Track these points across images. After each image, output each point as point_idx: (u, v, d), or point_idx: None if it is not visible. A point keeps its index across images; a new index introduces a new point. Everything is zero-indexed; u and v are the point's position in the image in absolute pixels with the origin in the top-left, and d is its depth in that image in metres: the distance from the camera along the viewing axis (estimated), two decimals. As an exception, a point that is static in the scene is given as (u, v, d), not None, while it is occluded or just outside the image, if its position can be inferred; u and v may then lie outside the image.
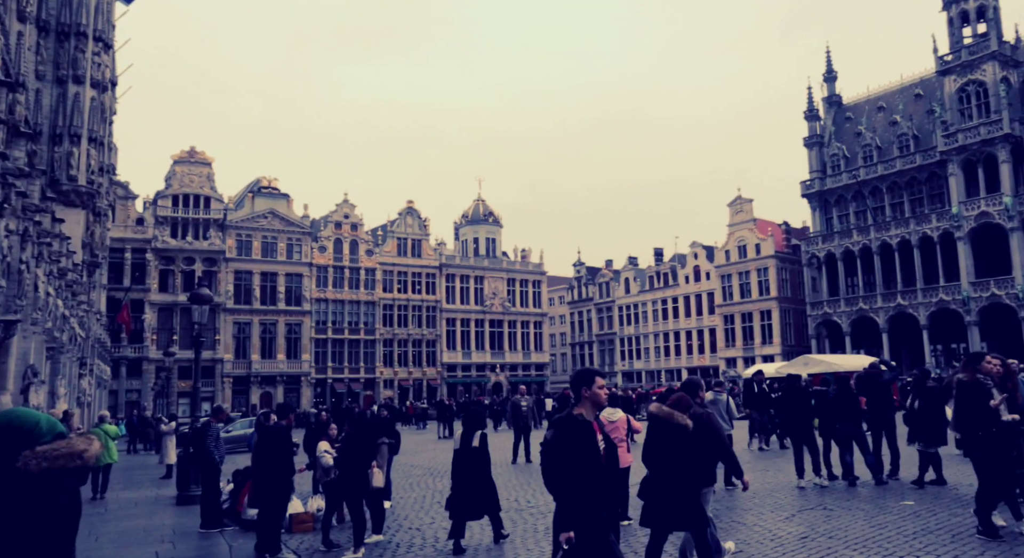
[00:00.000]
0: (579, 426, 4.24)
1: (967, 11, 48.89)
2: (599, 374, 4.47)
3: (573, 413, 4.30)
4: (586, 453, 4.17)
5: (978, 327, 45.71)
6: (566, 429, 4.25)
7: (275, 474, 8.26)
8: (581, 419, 4.26)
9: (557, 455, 4.24)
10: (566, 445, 4.21)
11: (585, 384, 4.33)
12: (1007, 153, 45.40)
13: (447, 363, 62.08)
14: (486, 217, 68.30)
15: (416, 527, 9.61)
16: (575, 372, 4.53)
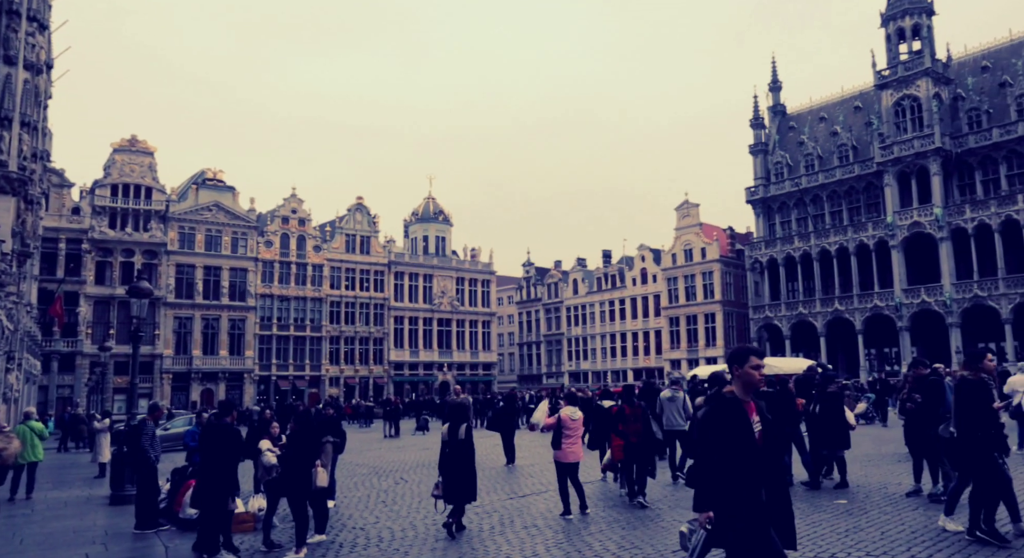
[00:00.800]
0: (729, 405, 4.10)
1: (903, 29, 50.82)
2: (754, 352, 4.24)
3: (724, 391, 4.19)
4: (737, 433, 4.02)
5: (909, 332, 47.56)
6: (716, 408, 4.15)
7: (219, 473, 8.05)
8: (732, 397, 4.13)
9: (707, 434, 4.12)
10: (716, 424, 4.09)
11: (737, 363, 4.18)
12: (938, 166, 47.36)
13: (394, 361, 61.61)
14: (436, 215, 68.03)
15: (360, 527, 9.53)
16: (731, 350, 4.38)
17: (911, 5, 50.36)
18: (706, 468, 4.09)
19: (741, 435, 4.03)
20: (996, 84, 48.65)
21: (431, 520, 9.76)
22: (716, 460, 4.01)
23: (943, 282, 46.27)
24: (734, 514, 3.90)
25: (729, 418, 4.06)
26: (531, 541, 8.19)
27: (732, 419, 4.06)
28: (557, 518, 9.55)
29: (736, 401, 4.12)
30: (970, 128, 48.29)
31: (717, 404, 4.16)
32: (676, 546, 7.56)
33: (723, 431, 4.03)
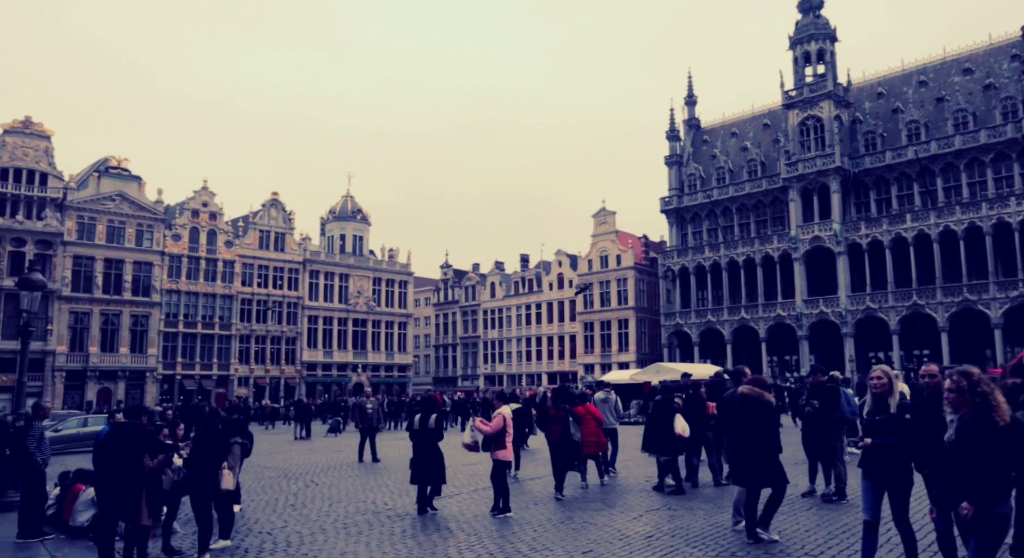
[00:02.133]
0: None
1: (809, 53, 53.54)
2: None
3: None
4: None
5: (808, 341, 50.04)
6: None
7: (126, 480, 7.50)
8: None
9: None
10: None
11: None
12: (838, 184, 50.10)
13: (307, 361, 60.18)
14: (354, 214, 66.96)
15: (267, 531, 9.27)
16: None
17: (816, 31, 53.12)
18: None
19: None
20: (890, 110, 51.91)
21: (341, 523, 9.61)
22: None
23: (839, 294, 48.92)
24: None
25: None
26: (443, 544, 8.18)
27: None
28: (470, 520, 9.57)
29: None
30: (866, 150, 51.31)
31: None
32: (586, 546, 7.72)
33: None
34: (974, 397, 4.48)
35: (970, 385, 4.52)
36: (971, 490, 4.41)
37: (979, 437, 4.40)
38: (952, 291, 44.14)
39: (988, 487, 4.38)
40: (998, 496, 4.40)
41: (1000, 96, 46.38)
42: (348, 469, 16.71)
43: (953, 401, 4.59)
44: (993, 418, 4.42)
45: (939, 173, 47.52)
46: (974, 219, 43.44)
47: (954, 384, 4.58)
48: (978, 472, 4.39)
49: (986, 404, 4.47)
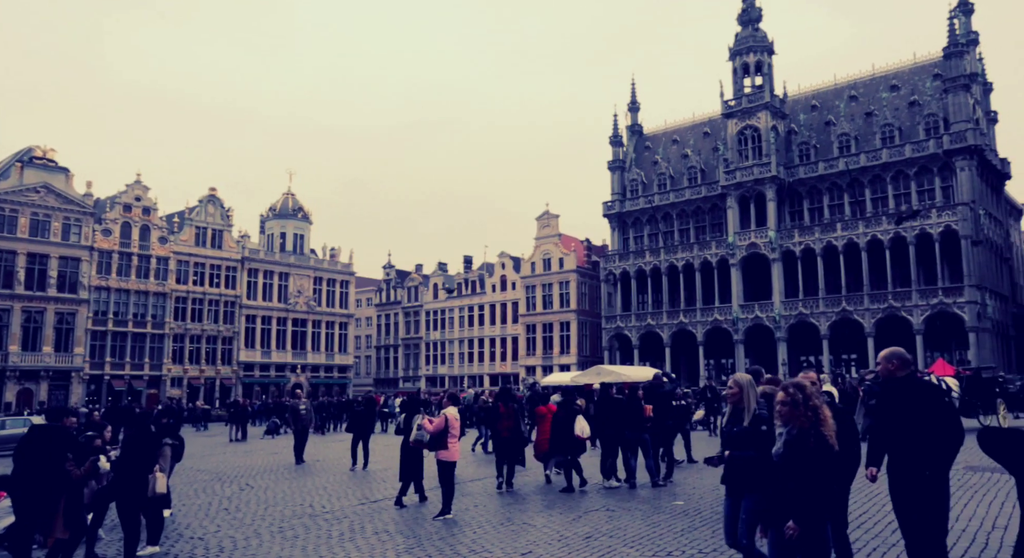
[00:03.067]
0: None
1: (748, 64, 55.10)
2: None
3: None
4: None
5: (744, 345, 51.42)
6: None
7: (41, 485, 7.15)
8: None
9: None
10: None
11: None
12: (773, 193, 51.68)
13: (244, 362, 58.74)
14: (295, 212, 65.74)
15: (199, 536, 9.04)
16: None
17: (755, 43, 54.69)
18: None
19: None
20: (823, 122, 53.84)
21: (277, 527, 9.45)
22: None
23: (774, 300, 50.45)
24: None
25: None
26: (381, 547, 8.14)
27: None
28: (409, 523, 9.54)
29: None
30: (801, 160, 53.08)
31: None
32: (525, 548, 7.79)
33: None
34: (806, 411, 4.37)
35: (804, 398, 4.41)
36: (797, 508, 4.27)
37: (807, 452, 4.28)
38: (878, 298, 46.03)
39: (814, 506, 4.25)
40: (823, 516, 4.29)
41: (924, 112, 48.62)
42: (285, 471, 16.41)
43: (785, 414, 4.44)
44: (821, 433, 4.31)
45: (868, 184, 49.51)
46: (899, 229, 45.38)
47: (788, 397, 4.43)
48: (804, 489, 4.26)
49: (816, 419, 4.36)
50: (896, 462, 5.10)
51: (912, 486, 4.89)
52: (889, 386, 5.39)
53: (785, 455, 4.38)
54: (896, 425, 5.11)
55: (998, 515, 8.54)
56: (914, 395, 5.15)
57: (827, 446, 4.30)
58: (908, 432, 5.02)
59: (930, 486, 4.83)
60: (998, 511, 8.77)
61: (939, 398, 5.14)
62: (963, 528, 7.95)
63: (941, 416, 4.95)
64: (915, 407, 5.01)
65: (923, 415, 4.97)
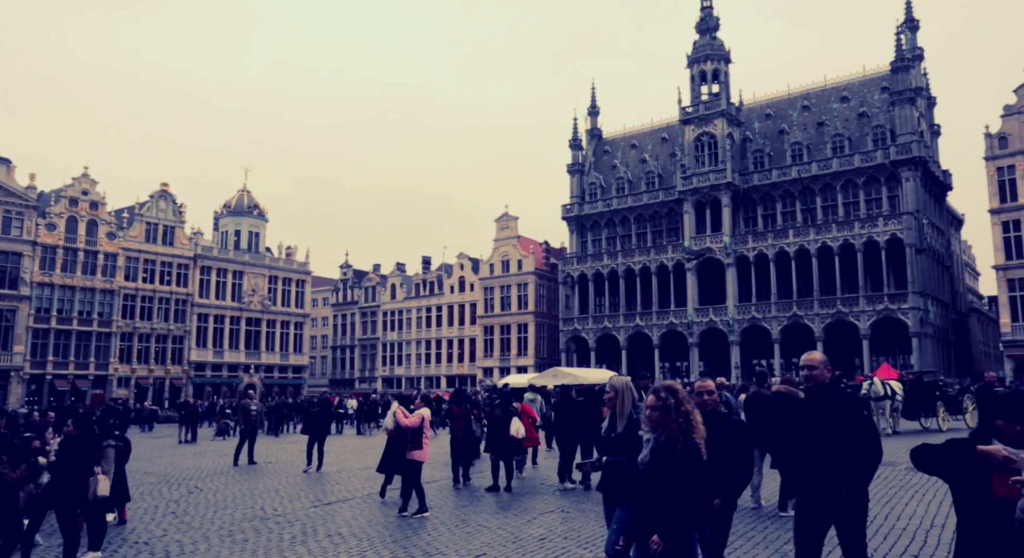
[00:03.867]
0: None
1: (705, 72, 56.04)
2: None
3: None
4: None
5: (698, 348, 52.21)
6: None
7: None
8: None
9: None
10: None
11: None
12: (729, 199, 52.63)
13: (195, 361, 57.45)
14: (251, 209, 64.56)
15: (144, 541, 8.81)
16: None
17: (712, 52, 55.66)
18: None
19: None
20: (777, 131, 55.06)
21: (227, 531, 9.28)
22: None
23: (728, 304, 51.36)
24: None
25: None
26: (334, 550, 8.05)
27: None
28: (363, 526, 9.46)
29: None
30: (755, 167, 54.17)
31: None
32: (479, 550, 7.79)
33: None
34: (677, 417, 4.10)
35: (676, 403, 4.13)
36: (662, 521, 3.98)
37: (673, 461, 4.00)
38: (827, 303, 47.21)
39: (680, 519, 3.96)
40: (689, 530, 4.04)
41: (872, 124, 50.09)
42: (235, 474, 16.11)
43: (655, 419, 4.13)
44: (692, 441, 4.04)
45: (819, 192, 50.76)
46: (847, 237, 46.64)
47: (660, 401, 4.14)
48: (670, 501, 3.98)
49: (687, 425, 4.10)
50: (812, 480, 4.58)
51: (828, 507, 4.46)
52: (814, 396, 4.86)
53: (651, 463, 4.11)
54: (815, 439, 4.59)
55: (936, 514, 8.85)
56: (837, 407, 4.66)
57: (695, 455, 4.01)
58: (828, 447, 4.51)
59: (849, 506, 4.45)
60: (936, 510, 9.08)
61: (860, 410, 4.74)
62: (904, 527, 8.22)
63: (862, 431, 4.53)
64: (837, 420, 4.55)
65: (844, 429, 4.51)
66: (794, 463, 4.86)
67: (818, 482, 4.51)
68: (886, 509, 9.39)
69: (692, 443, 4.06)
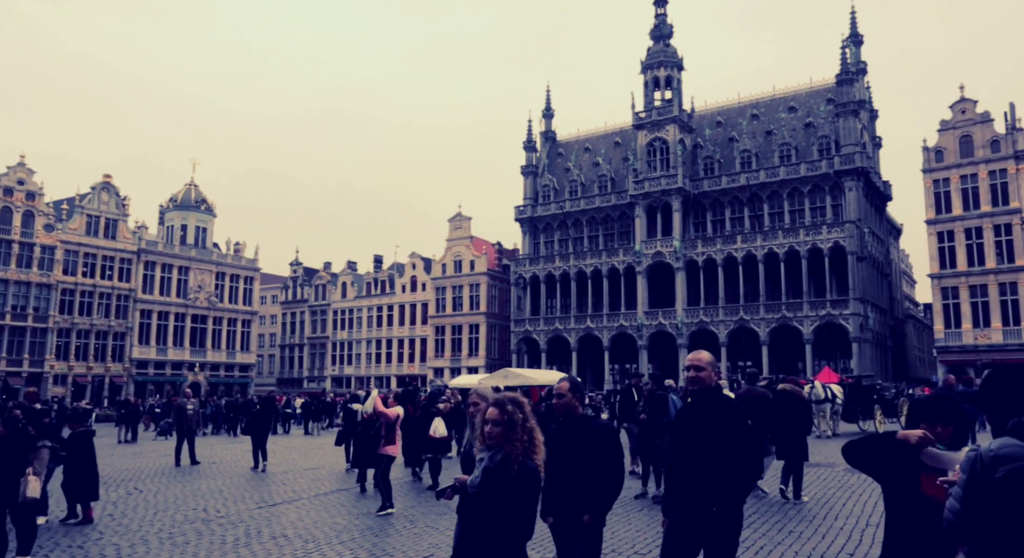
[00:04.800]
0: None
1: (659, 78, 56.93)
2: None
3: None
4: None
5: (647, 350, 52.94)
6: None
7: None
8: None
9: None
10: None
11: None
12: (679, 204, 53.53)
13: (137, 359, 55.78)
14: (198, 204, 63.00)
15: (78, 545, 8.52)
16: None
17: (665, 58, 56.56)
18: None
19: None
20: (727, 138, 56.23)
21: (167, 533, 9.04)
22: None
23: (677, 307, 52.22)
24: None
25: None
26: (279, 552, 7.92)
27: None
28: (309, 527, 9.33)
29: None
30: (705, 173, 55.22)
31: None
32: (427, 551, 7.76)
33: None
34: (522, 433, 3.61)
35: (523, 418, 3.66)
36: (490, 551, 3.52)
37: (507, 483, 3.50)
38: (773, 308, 48.40)
39: (509, 549, 3.53)
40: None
41: (818, 134, 51.57)
42: (177, 474, 15.71)
43: (497, 436, 3.60)
44: (532, 462, 3.57)
45: (766, 199, 52.01)
46: (793, 243, 47.91)
47: (504, 415, 3.61)
48: (497, 529, 3.51)
49: (530, 444, 3.63)
50: (685, 494, 4.17)
51: (699, 525, 4.06)
52: (698, 401, 4.39)
53: (481, 486, 3.57)
54: (692, 449, 4.20)
55: (872, 514, 9.16)
56: (719, 415, 4.24)
57: (533, 480, 3.55)
58: (704, 459, 4.13)
59: (718, 525, 4.03)
60: (872, 510, 9.40)
61: (743, 421, 4.30)
62: (840, 526, 8.49)
63: (742, 443, 4.16)
64: (716, 430, 4.16)
65: (723, 440, 4.12)
66: (673, 475, 4.38)
67: (691, 497, 4.09)
68: (824, 509, 9.69)
69: (532, 465, 3.57)
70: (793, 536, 8.06)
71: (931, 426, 3.25)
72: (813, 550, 7.38)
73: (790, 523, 8.80)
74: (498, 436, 3.60)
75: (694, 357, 4.42)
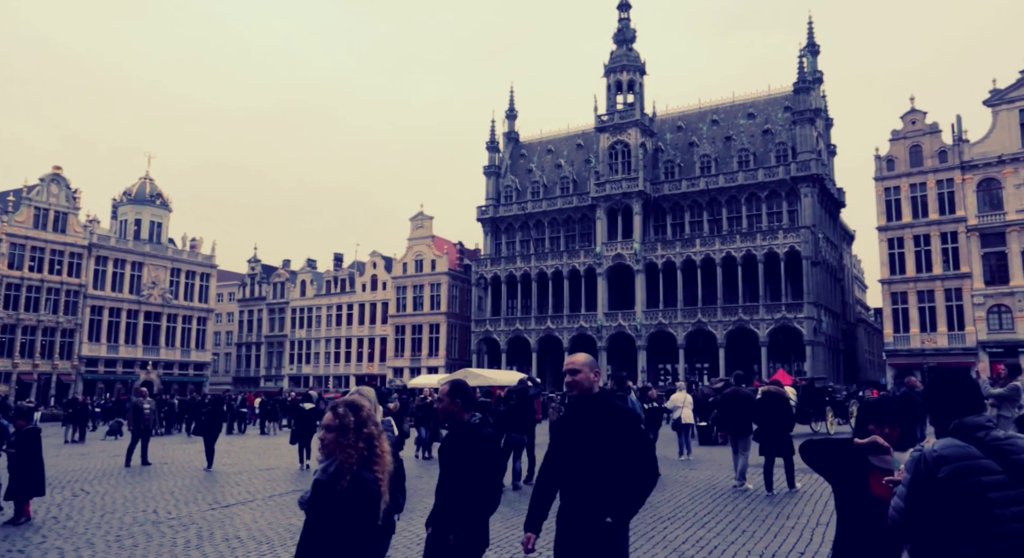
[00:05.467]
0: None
1: (621, 82, 57.48)
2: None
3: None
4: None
5: (607, 352, 53.36)
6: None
7: None
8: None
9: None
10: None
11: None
12: (640, 207, 54.09)
13: (87, 356, 54.20)
14: (153, 198, 61.52)
15: (19, 549, 8.23)
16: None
17: (628, 63, 57.13)
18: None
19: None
20: (687, 143, 57.02)
21: (114, 536, 8.80)
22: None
23: (636, 309, 52.74)
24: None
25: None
26: (231, 554, 7.78)
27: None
28: (263, 528, 9.18)
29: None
30: (666, 177, 55.89)
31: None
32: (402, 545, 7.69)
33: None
34: (357, 440, 3.25)
35: (357, 422, 3.30)
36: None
37: (340, 498, 3.15)
38: (730, 311, 49.20)
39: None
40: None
41: (775, 141, 52.61)
42: (127, 475, 15.32)
43: (329, 443, 3.26)
44: (369, 474, 3.19)
45: (725, 204, 52.86)
46: (750, 248, 48.77)
47: (336, 420, 3.28)
48: (328, 552, 3.16)
49: (369, 452, 3.26)
50: (571, 507, 3.76)
51: (582, 543, 3.66)
52: (577, 407, 3.99)
53: (311, 501, 3.24)
54: (572, 461, 3.82)
55: (822, 513, 9.37)
56: (603, 421, 3.81)
57: (367, 491, 3.17)
58: (586, 471, 3.72)
59: (609, 539, 3.65)
60: (823, 509, 9.62)
61: (634, 425, 3.86)
62: (792, 526, 8.66)
63: (633, 451, 3.74)
64: (600, 438, 3.75)
65: (610, 449, 3.72)
66: (538, 489, 3.99)
67: (571, 512, 3.72)
68: (777, 508, 9.89)
69: (368, 476, 3.19)
70: (746, 535, 8.19)
71: (879, 427, 3.35)
72: (765, 549, 7.51)
73: (743, 522, 8.95)
74: (331, 443, 3.25)
75: (569, 360, 4.02)
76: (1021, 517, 2.58)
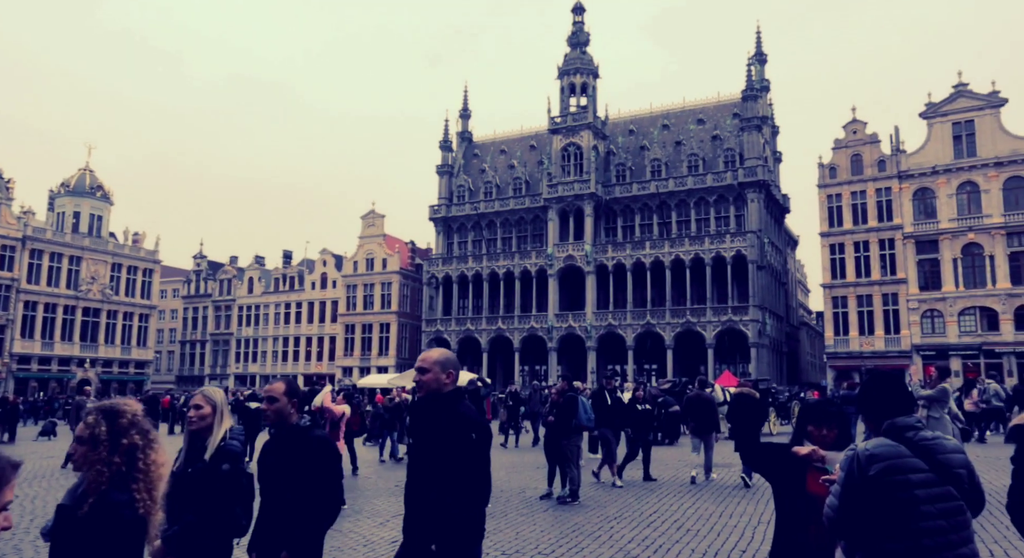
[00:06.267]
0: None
1: (575, 84, 57.95)
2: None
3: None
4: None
5: (557, 352, 53.69)
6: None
7: None
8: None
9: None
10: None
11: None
12: (591, 209, 54.60)
13: (19, 354, 52.03)
14: (93, 190, 59.43)
15: (-53, 554, 7.89)
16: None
17: (582, 66, 57.63)
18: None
19: None
20: (638, 146, 57.78)
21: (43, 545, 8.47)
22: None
23: (586, 311, 53.19)
24: None
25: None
26: None
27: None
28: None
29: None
30: (617, 180, 56.54)
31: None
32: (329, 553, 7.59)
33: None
34: (111, 455, 2.61)
35: (111, 433, 2.64)
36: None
37: (78, 527, 2.56)
38: (678, 313, 50.03)
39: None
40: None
41: (724, 146, 53.72)
42: (61, 477, 14.78)
43: (80, 457, 2.66)
44: (124, 496, 2.58)
45: (674, 207, 53.73)
46: (698, 251, 49.68)
47: (88, 430, 2.65)
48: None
49: (129, 468, 2.63)
50: (409, 519, 3.50)
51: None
52: (422, 409, 3.62)
53: (54, 530, 2.72)
54: (415, 466, 3.52)
55: (764, 512, 9.62)
56: (440, 424, 3.43)
57: (116, 518, 2.55)
58: (429, 477, 3.39)
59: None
60: (764, 508, 9.88)
61: (467, 434, 3.39)
62: (735, 524, 8.88)
63: (463, 461, 3.35)
64: (435, 443, 3.41)
65: (443, 456, 3.35)
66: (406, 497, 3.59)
67: (413, 524, 3.44)
68: (720, 507, 10.11)
69: (119, 498, 2.57)
70: (691, 534, 8.36)
71: (818, 428, 3.48)
72: (708, 547, 7.68)
73: (688, 521, 9.13)
74: (82, 457, 2.64)
75: (420, 357, 3.62)
76: (945, 514, 2.71)
